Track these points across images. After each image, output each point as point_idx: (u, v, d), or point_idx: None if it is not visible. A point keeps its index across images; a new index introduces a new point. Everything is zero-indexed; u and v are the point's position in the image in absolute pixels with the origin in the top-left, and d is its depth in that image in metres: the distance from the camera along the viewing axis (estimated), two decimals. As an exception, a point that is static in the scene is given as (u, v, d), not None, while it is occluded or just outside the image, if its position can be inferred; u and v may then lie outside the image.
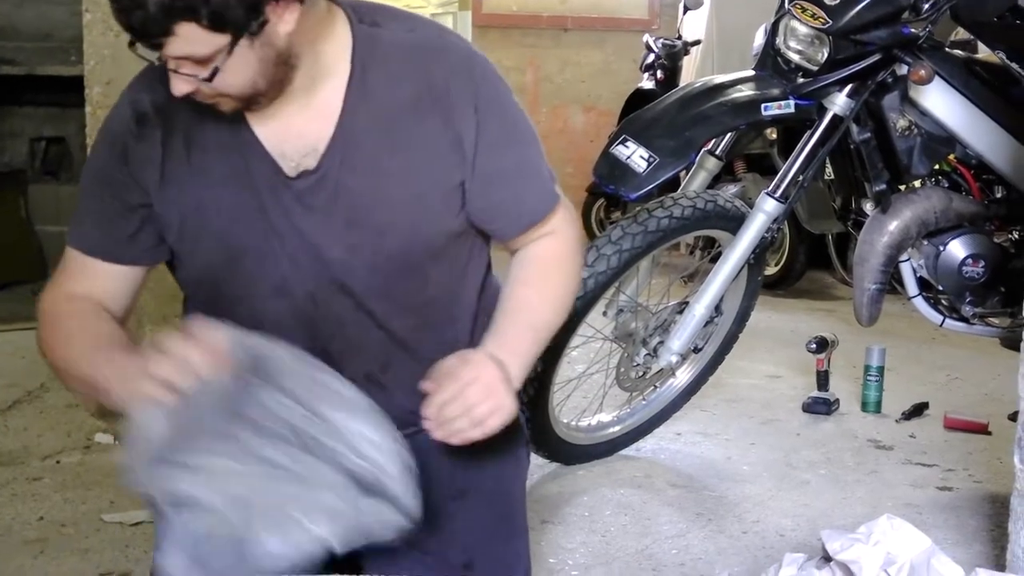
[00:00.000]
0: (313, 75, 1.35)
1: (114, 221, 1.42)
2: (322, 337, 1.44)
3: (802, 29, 2.70)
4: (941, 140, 2.84)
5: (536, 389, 2.67)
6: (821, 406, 3.55)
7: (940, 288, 2.90)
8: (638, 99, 5.58)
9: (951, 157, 2.89)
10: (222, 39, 1.24)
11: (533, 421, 2.69)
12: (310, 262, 1.40)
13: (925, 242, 2.85)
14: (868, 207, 2.90)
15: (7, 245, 5.29)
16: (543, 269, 1.50)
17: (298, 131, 1.37)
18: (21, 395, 3.48)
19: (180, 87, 1.28)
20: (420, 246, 1.43)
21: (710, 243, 3.19)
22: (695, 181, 3.12)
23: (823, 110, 2.72)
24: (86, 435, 3.09)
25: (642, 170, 2.61)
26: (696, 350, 2.99)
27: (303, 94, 1.36)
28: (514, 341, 1.41)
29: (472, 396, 1.30)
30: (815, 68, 2.69)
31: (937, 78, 2.71)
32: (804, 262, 5.56)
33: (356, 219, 1.39)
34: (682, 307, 2.82)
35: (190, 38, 1.22)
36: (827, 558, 2.00)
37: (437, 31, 1.46)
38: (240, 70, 1.27)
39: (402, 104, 1.39)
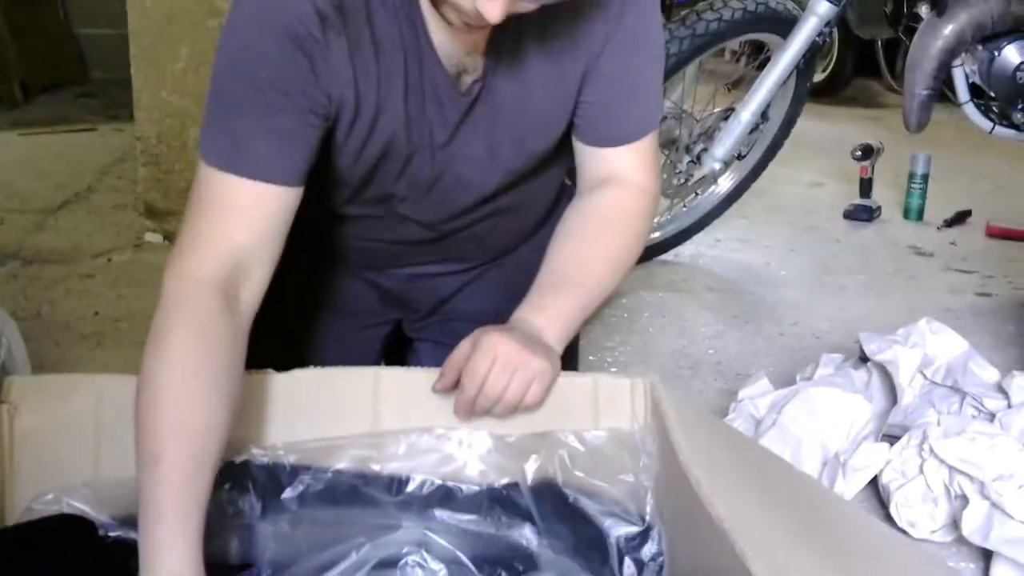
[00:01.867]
0: None
1: (297, 139, 1.18)
2: (445, 232, 1.44)
3: None
4: (1002, -59, 2.73)
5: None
6: (863, 213, 3.54)
7: (992, 94, 2.85)
8: None
9: (1011, -42, 2.78)
10: None
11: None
12: (454, 173, 1.33)
13: (979, 47, 2.78)
14: (922, 10, 2.82)
15: (47, 48, 5.27)
16: (606, 225, 1.37)
17: (473, 43, 1.23)
18: (69, 196, 3.53)
19: (501, 10, 1.05)
20: (550, 144, 1.37)
21: (756, 49, 3.13)
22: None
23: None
24: (135, 234, 3.14)
25: None
26: (739, 157, 2.97)
27: None
28: (557, 306, 1.30)
29: (494, 383, 1.20)
30: None
31: None
32: (852, 69, 5.45)
33: (504, 124, 1.30)
34: (728, 113, 2.79)
35: None
36: (864, 359, 2.05)
37: None
38: None
39: (559, 7, 1.21)
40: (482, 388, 1.20)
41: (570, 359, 1.37)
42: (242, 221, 1.16)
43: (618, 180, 1.37)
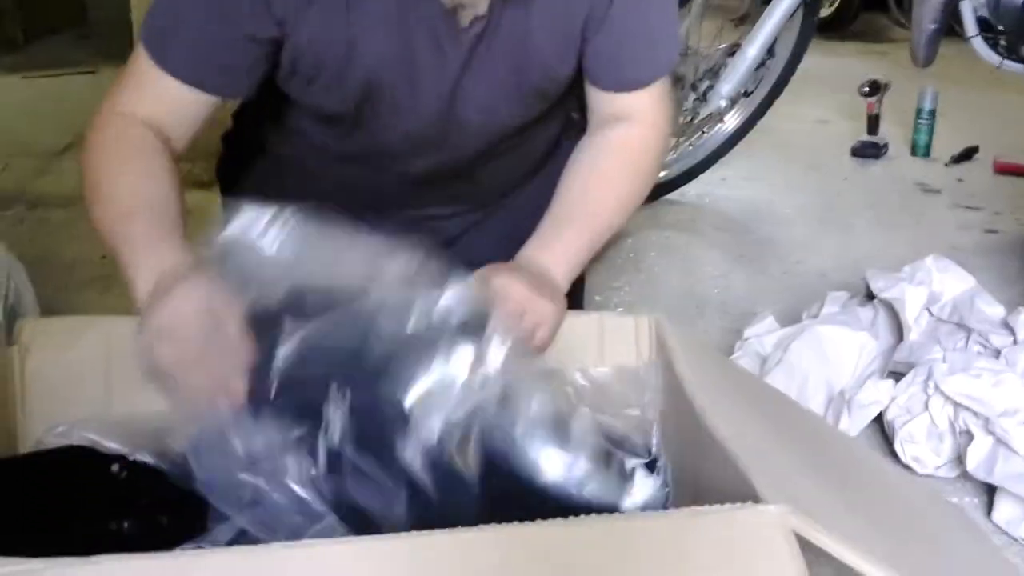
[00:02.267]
0: None
1: (223, 50, 1.23)
2: (443, 172, 1.43)
3: None
4: None
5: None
6: (870, 149, 3.53)
7: (1000, 28, 2.82)
8: None
9: None
10: None
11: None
12: (453, 113, 1.32)
13: (988, -20, 2.75)
14: (931, -58, 2.78)
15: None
16: (615, 162, 1.36)
17: None
18: (72, 139, 3.52)
19: None
20: (556, 83, 1.35)
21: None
22: (751, -85, 3.00)
23: None
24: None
25: None
26: (746, 94, 2.95)
27: None
28: (564, 243, 1.29)
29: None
30: None
31: None
32: (859, 3, 5.39)
33: (506, 65, 1.29)
34: (733, 50, 2.77)
35: None
36: (870, 296, 2.05)
37: None
38: None
39: None
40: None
41: (575, 298, 1.37)
42: (160, 106, 1.24)
43: (630, 119, 1.37)
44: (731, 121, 3.08)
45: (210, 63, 1.24)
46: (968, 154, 3.50)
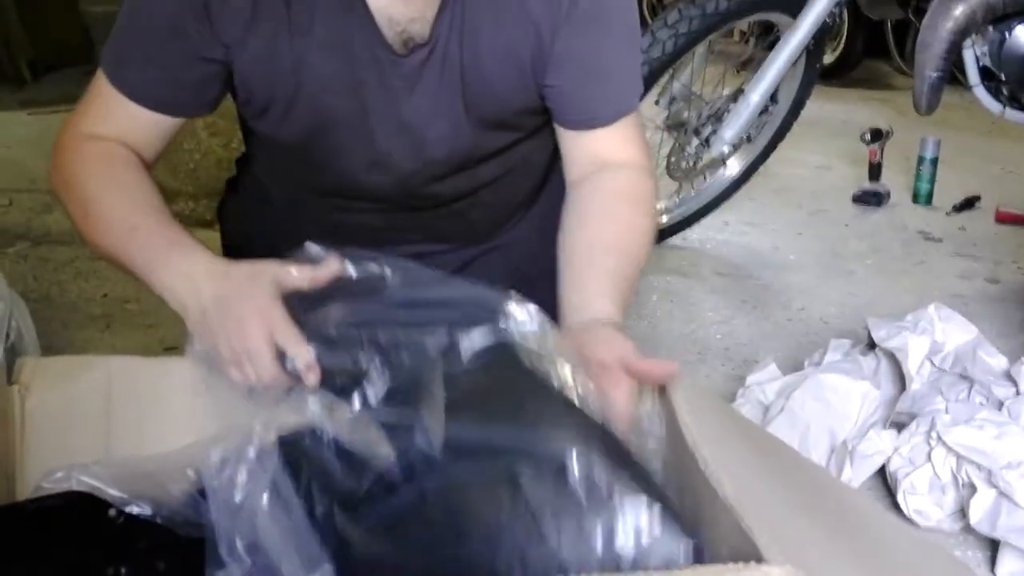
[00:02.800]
0: None
1: (174, 70, 1.26)
2: (421, 206, 1.43)
3: None
4: (1016, -80, 2.71)
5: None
6: (872, 197, 3.53)
7: (1003, 77, 2.83)
8: None
9: (1025, -62, 2.76)
10: None
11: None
12: (407, 140, 1.32)
13: (991, 28, 2.76)
14: (933, -10, 2.80)
15: (53, 26, 5.26)
16: (611, 206, 1.31)
17: None
18: (77, 176, 3.54)
19: None
20: (514, 114, 1.35)
21: (766, 30, 3.11)
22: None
23: None
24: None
25: None
26: (748, 139, 2.96)
27: None
28: (602, 286, 1.21)
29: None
30: None
31: None
32: (861, 51, 5.42)
33: (458, 94, 1.29)
34: (737, 96, 2.78)
35: None
36: (872, 345, 2.04)
37: None
38: None
39: None
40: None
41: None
42: (124, 127, 1.28)
43: (606, 164, 1.35)
44: (733, 166, 3.09)
45: (165, 84, 1.27)
46: (970, 203, 3.51)
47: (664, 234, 3.06)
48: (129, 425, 1.13)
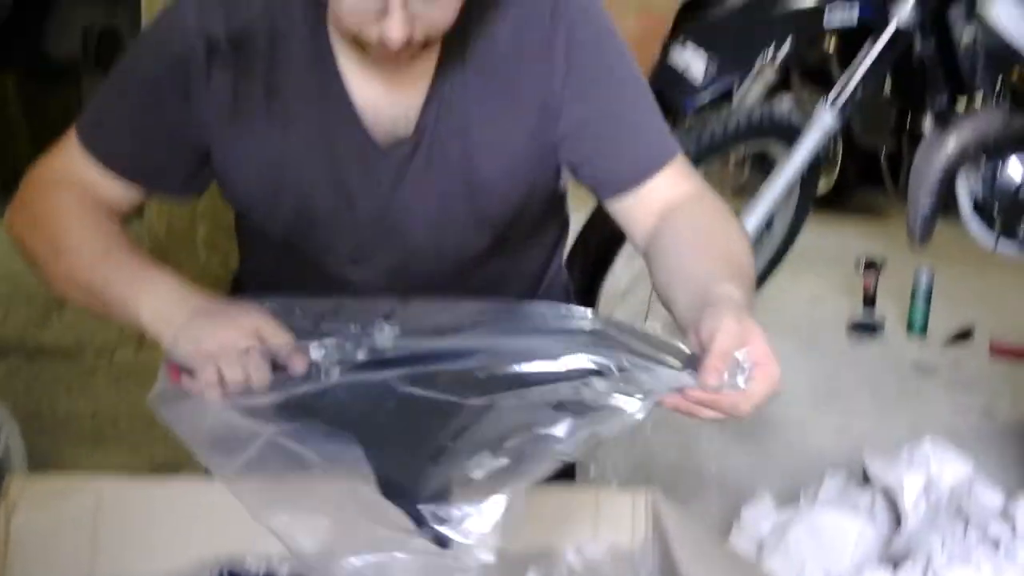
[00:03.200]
0: None
1: (148, 143, 1.27)
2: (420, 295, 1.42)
3: (869, -63, 2.63)
4: (1006, 55, 2.76)
5: (583, 300, 2.67)
6: (867, 327, 3.54)
7: (995, 209, 2.86)
8: (693, 5, 5.48)
9: (1015, 73, 2.83)
10: None
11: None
12: (393, 235, 1.30)
13: (983, 161, 2.81)
14: (926, 123, 2.85)
15: (58, 137, 5.33)
16: (703, 238, 1.24)
17: (394, 90, 1.24)
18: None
19: (402, 29, 1.09)
20: (510, 209, 1.32)
21: (761, 157, 3.16)
22: (751, 92, 3.07)
23: (886, 21, 2.65)
24: (138, 331, 3.14)
25: (700, 78, 2.56)
26: (743, 268, 2.97)
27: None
28: (729, 289, 1.13)
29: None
30: (881, -23, 2.62)
31: (1005, -9, 2.65)
32: (855, 179, 5.49)
33: (448, 187, 1.28)
34: (732, 224, 2.80)
35: None
36: (868, 478, 2.03)
37: None
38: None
39: (498, 59, 1.25)
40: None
41: (569, 469, 1.34)
42: (89, 182, 1.27)
43: (670, 208, 1.28)
44: (728, 295, 3.10)
45: (134, 154, 1.28)
46: (965, 334, 3.52)
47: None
48: (116, 544, 1.13)
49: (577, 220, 2.21)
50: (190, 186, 1.33)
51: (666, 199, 1.28)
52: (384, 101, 1.25)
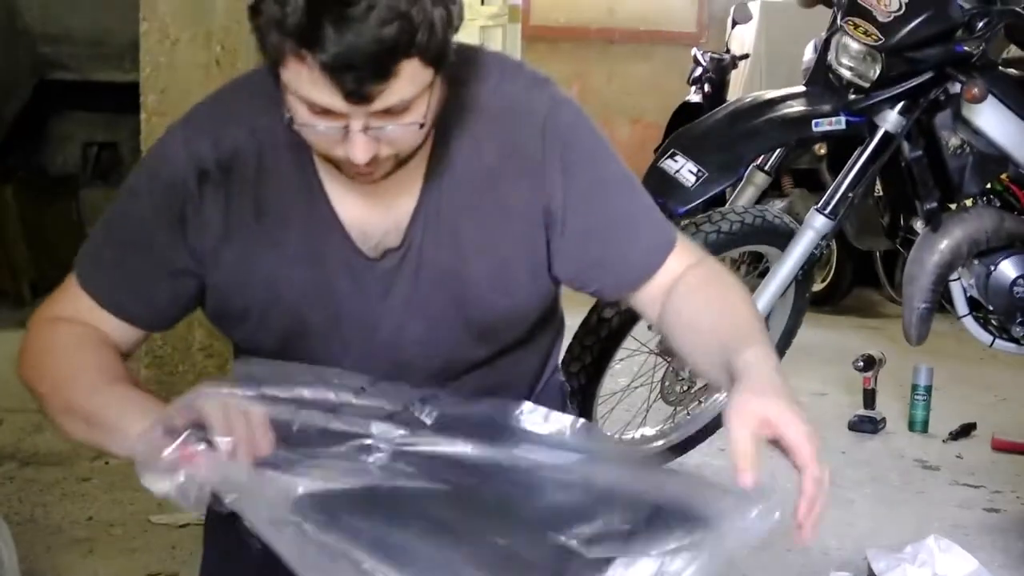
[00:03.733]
0: None
1: (143, 283, 1.30)
2: None
3: (854, 46, 2.69)
4: (994, 159, 2.81)
5: (580, 402, 2.67)
6: (867, 424, 3.52)
7: (990, 308, 2.88)
8: (685, 113, 5.57)
9: (1003, 176, 2.87)
10: (428, 74, 1.11)
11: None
12: (384, 348, 1.31)
13: (976, 262, 2.83)
14: (918, 225, 2.88)
15: (60, 249, 5.36)
16: (709, 296, 1.30)
17: (380, 208, 1.27)
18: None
19: (366, 150, 1.11)
20: (502, 318, 1.34)
21: (756, 259, 3.18)
22: (743, 196, 3.11)
23: (874, 127, 2.70)
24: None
25: (690, 184, 2.60)
26: (742, 366, 2.97)
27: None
28: (754, 348, 1.21)
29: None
30: (867, 85, 2.67)
31: (990, 96, 2.69)
32: (851, 279, 5.52)
33: (437, 294, 1.29)
34: (728, 322, 2.81)
35: (413, 76, 1.08)
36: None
37: (523, 86, 1.32)
38: (428, 123, 1.15)
39: (485, 171, 1.28)
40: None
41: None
42: (86, 323, 1.29)
43: (674, 281, 1.33)
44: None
45: (138, 299, 1.30)
46: (966, 430, 3.50)
47: (660, 459, 3.04)
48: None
49: (572, 320, 2.22)
50: (174, 322, 1.36)
51: (673, 275, 1.34)
52: (371, 216, 1.27)
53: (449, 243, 1.28)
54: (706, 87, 5.93)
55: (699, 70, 5.97)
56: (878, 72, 2.65)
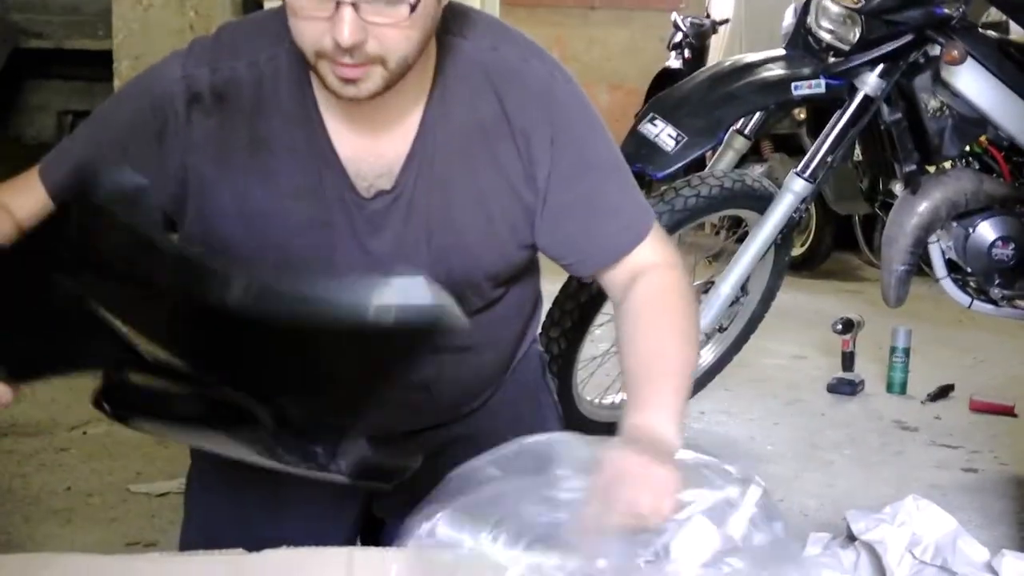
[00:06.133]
0: (402, 83, 1.21)
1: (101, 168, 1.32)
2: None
3: (834, 8, 2.68)
4: (973, 121, 2.81)
5: (560, 367, 2.67)
6: (846, 387, 3.54)
7: (969, 270, 2.89)
8: (665, 78, 5.57)
9: (982, 139, 2.87)
10: None
11: (559, 398, 2.69)
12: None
13: (954, 224, 2.84)
14: (897, 188, 2.88)
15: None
16: (655, 311, 1.34)
17: (376, 146, 1.28)
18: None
19: (353, 30, 1.10)
20: (481, 272, 1.35)
21: (736, 223, 3.18)
22: (722, 160, 3.10)
23: (854, 90, 2.70)
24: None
25: (670, 149, 2.60)
26: (721, 330, 2.98)
27: (386, 104, 1.24)
28: (657, 399, 1.25)
29: (624, 497, 1.12)
30: (846, 48, 2.67)
31: (970, 59, 2.69)
32: (830, 243, 5.54)
33: (424, 240, 1.31)
34: (707, 287, 2.81)
35: None
36: (852, 538, 2.00)
37: (520, 51, 1.33)
38: (416, 27, 1.15)
39: (478, 126, 1.29)
40: (609, 503, 1.11)
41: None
42: (24, 209, 1.27)
43: (641, 272, 1.36)
44: (707, 356, 3.10)
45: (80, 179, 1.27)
46: (944, 392, 3.52)
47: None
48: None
49: (553, 287, 2.21)
50: None
51: (642, 262, 1.36)
52: (367, 155, 1.27)
53: (439, 191, 1.29)
54: (686, 52, 5.93)
55: (679, 35, 5.97)
56: (858, 35, 2.65)
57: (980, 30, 2.93)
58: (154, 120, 1.26)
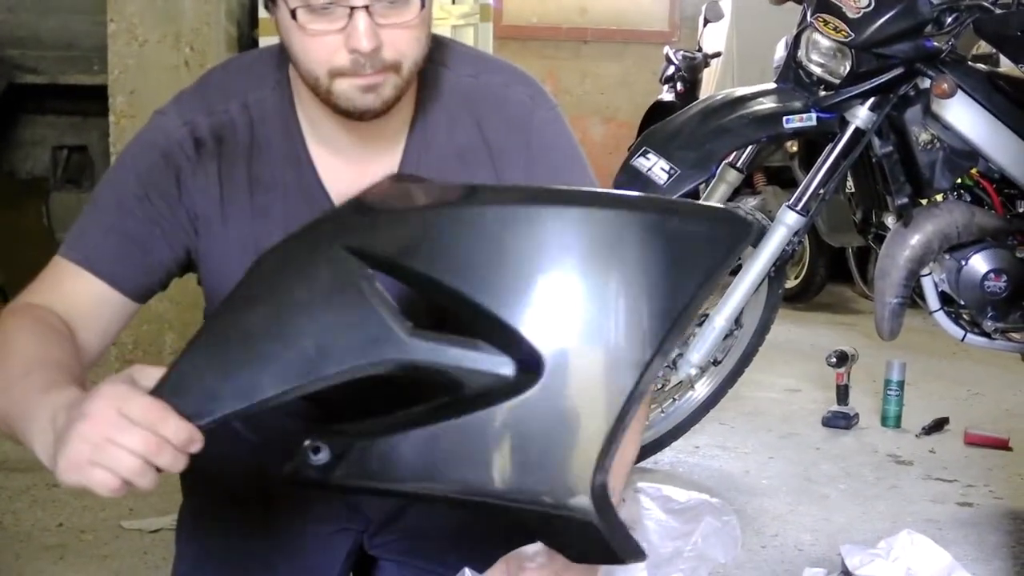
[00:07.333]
0: (395, 107, 1.24)
1: (136, 243, 1.28)
2: None
3: (824, 42, 2.70)
4: (964, 154, 2.83)
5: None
6: (841, 420, 3.53)
7: (962, 303, 2.89)
8: (657, 111, 5.59)
9: (974, 171, 2.87)
10: None
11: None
12: None
13: (947, 256, 2.84)
14: (889, 221, 2.89)
15: (29, 253, 5.31)
16: None
17: (363, 177, 1.23)
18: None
19: (370, 35, 1.13)
20: None
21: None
22: (715, 193, 3.11)
23: (845, 123, 2.71)
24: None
25: (663, 182, 2.61)
26: (715, 363, 2.98)
27: (371, 133, 1.27)
28: None
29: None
30: (837, 81, 2.68)
31: (960, 92, 2.70)
32: (824, 275, 5.55)
33: None
34: (701, 320, 2.82)
35: None
36: (847, 573, 1.99)
37: (503, 78, 1.37)
38: (423, 26, 1.18)
39: (456, 154, 1.32)
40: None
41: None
42: (66, 301, 1.23)
43: None
44: (701, 389, 3.10)
45: (130, 259, 1.26)
46: (939, 425, 3.51)
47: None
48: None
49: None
50: (155, 289, 1.33)
51: None
52: (355, 188, 1.26)
53: None
54: (679, 86, 5.95)
55: (671, 69, 5.99)
56: (848, 68, 2.66)
57: (970, 63, 2.95)
58: (168, 168, 1.27)
